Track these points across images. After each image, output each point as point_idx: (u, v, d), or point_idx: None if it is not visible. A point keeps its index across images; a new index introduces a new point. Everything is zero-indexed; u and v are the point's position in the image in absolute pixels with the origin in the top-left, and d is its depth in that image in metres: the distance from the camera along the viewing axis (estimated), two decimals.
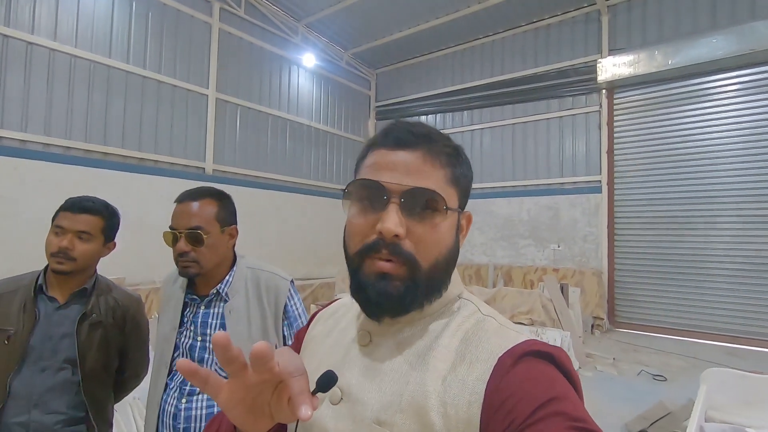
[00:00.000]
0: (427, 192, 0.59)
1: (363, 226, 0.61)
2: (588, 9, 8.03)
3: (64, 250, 1.35)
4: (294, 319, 1.40)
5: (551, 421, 0.47)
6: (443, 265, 0.62)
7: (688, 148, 7.01)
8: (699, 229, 6.87)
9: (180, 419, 1.22)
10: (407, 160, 0.61)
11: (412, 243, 0.59)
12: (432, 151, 0.62)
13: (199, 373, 0.45)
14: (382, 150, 0.63)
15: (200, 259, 1.28)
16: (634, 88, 7.56)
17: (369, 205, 0.61)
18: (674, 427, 2.98)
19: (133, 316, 1.56)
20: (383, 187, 0.59)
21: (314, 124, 9.76)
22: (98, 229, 1.43)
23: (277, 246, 8.51)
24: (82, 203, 1.41)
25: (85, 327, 1.41)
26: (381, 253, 0.58)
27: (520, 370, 0.53)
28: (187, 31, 7.40)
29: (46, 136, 5.79)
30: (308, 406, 0.44)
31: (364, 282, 0.60)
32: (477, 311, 0.65)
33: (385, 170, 0.61)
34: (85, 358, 1.39)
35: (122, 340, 1.53)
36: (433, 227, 0.60)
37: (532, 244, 8.56)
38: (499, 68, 9.20)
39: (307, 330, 0.79)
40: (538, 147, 8.62)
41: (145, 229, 6.44)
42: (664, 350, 6.10)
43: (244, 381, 0.46)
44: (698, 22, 6.94)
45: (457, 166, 0.65)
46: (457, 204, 0.64)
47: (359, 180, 0.63)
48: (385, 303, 0.59)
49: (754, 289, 6.39)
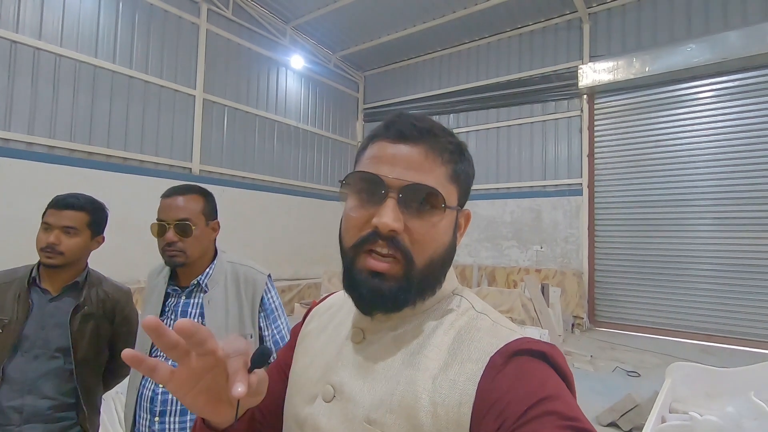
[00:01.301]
0: (427, 189, 0.57)
1: (359, 219, 0.59)
2: (570, 16, 8.24)
3: (51, 245, 1.42)
4: (270, 311, 1.48)
5: (543, 420, 0.46)
6: (438, 264, 0.60)
7: (664, 153, 7.24)
8: (675, 230, 7.10)
9: (157, 402, 1.29)
10: (408, 154, 0.59)
11: (408, 239, 0.57)
12: (435, 146, 0.60)
13: (145, 362, 0.46)
14: (383, 142, 0.61)
15: (187, 249, 1.36)
16: (614, 94, 7.78)
17: (367, 198, 0.59)
18: (641, 419, 3.11)
19: (123, 308, 1.63)
20: (382, 180, 0.57)
21: (302, 126, 9.82)
22: (84, 224, 1.49)
23: (263, 246, 8.54)
24: (66, 200, 1.48)
25: (77, 318, 1.48)
26: (377, 244, 0.57)
27: (512, 370, 0.52)
28: (174, 31, 7.41)
29: (30, 135, 5.76)
30: (241, 383, 0.45)
31: (357, 279, 0.58)
32: (471, 308, 0.63)
33: (385, 163, 0.59)
34: (77, 348, 1.46)
35: (112, 331, 1.60)
36: (431, 225, 0.58)
37: (515, 245, 8.73)
38: (484, 72, 9.38)
39: (303, 325, 0.79)
40: (521, 150, 8.80)
41: (129, 228, 6.44)
42: (640, 348, 6.29)
43: (189, 367, 0.47)
44: (674, 32, 7.18)
45: (459, 163, 0.63)
46: (456, 202, 0.63)
47: (358, 172, 0.61)
48: (378, 301, 0.58)
49: (727, 289, 6.63)
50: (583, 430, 0.46)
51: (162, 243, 1.36)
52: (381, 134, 0.62)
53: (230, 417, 0.53)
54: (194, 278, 1.42)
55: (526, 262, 8.55)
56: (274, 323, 1.47)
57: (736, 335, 6.51)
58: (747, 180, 6.53)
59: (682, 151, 7.08)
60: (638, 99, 7.54)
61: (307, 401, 0.64)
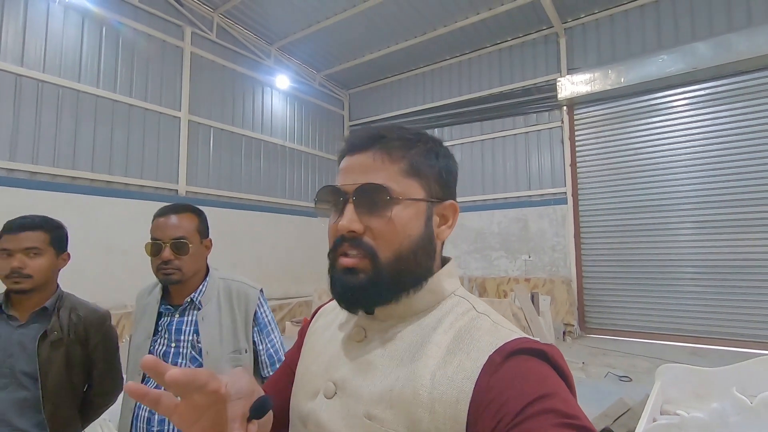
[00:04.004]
0: (373, 186, 0.61)
1: (332, 228, 0.65)
2: (546, 31, 8.51)
3: (16, 270, 1.37)
4: (264, 326, 1.49)
5: (540, 418, 0.46)
6: (409, 256, 0.62)
7: (644, 160, 7.44)
8: (658, 235, 7.26)
9: (154, 423, 1.28)
10: (360, 161, 0.64)
11: (371, 237, 0.61)
12: (383, 147, 0.64)
13: (149, 395, 0.45)
14: (345, 157, 0.68)
15: (183, 267, 1.37)
16: (592, 105, 8.01)
17: (334, 209, 0.66)
18: (634, 423, 3.14)
19: (97, 331, 1.55)
20: (339, 189, 0.65)
21: (288, 144, 9.86)
22: (45, 243, 1.44)
23: (252, 266, 8.47)
24: (20, 222, 1.43)
25: (45, 345, 1.41)
26: (344, 247, 0.62)
27: (510, 368, 0.52)
28: (158, 55, 7.45)
29: (11, 161, 5.70)
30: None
31: (334, 277, 0.64)
32: (472, 309, 0.64)
33: (343, 174, 0.66)
34: (47, 376, 1.39)
35: (86, 357, 1.53)
36: (387, 219, 0.61)
37: (503, 255, 8.81)
38: (467, 87, 9.58)
39: (310, 323, 0.82)
40: (506, 161, 8.96)
41: (114, 252, 6.38)
42: (631, 353, 6.35)
43: (192, 402, 0.46)
44: (646, 44, 7.47)
45: (415, 157, 0.65)
46: (423, 194, 0.64)
47: (324, 187, 0.68)
48: (350, 295, 0.62)
49: (711, 291, 6.76)
50: (582, 428, 0.45)
51: (157, 262, 1.37)
52: (343, 150, 0.69)
53: None
54: (187, 296, 1.42)
55: (515, 271, 8.62)
56: (267, 337, 1.48)
57: (723, 336, 6.62)
58: (723, 184, 6.73)
59: (661, 157, 7.29)
60: (616, 109, 7.78)
61: (309, 397, 0.67)
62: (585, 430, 0.45)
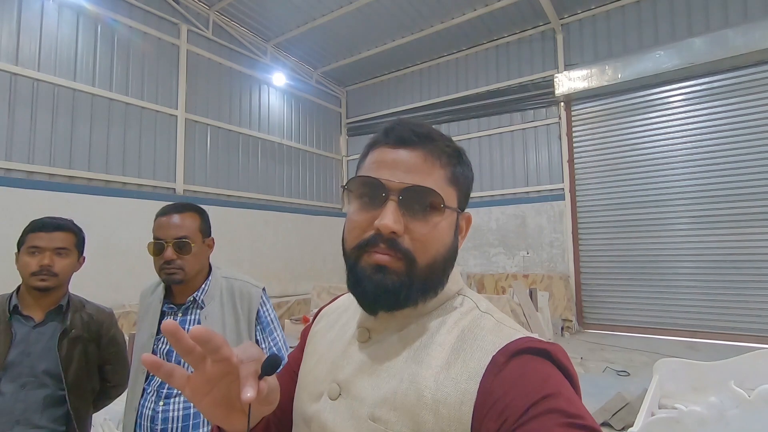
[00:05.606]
0: (426, 190, 0.59)
1: (361, 222, 0.60)
2: (543, 28, 8.51)
3: (46, 267, 1.41)
4: (266, 324, 1.50)
5: (545, 418, 0.45)
6: (441, 264, 0.61)
7: (641, 155, 7.47)
8: (655, 230, 7.30)
9: (158, 421, 1.29)
10: (408, 158, 0.61)
11: (410, 240, 0.59)
12: (433, 150, 0.62)
13: (163, 367, 0.47)
14: (383, 148, 0.63)
15: (186, 266, 1.37)
16: (589, 101, 8.03)
17: (368, 202, 0.61)
18: (633, 417, 3.17)
19: (108, 329, 1.62)
20: (382, 184, 0.59)
21: (286, 142, 9.84)
22: (73, 244, 1.50)
23: (251, 264, 8.47)
24: (54, 222, 1.48)
25: (65, 343, 1.46)
26: (378, 247, 0.58)
27: (514, 368, 0.52)
28: (154, 53, 7.42)
29: (8, 161, 5.67)
30: (250, 388, 0.46)
31: (361, 275, 0.59)
32: (475, 308, 0.64)
33: (385, 168, 0.61)
34: (68, 373, 1.44)
35: (99, 354, 1.58)
36: (432, 226, 0.59)
37: (502, 251, 8.84)
38: (464, 84, 9.58)
39: (312, 326, 0.81)
40: (503, 158, 8.97)
41: (112, 252, 6.36)
42: (628, 347, 6.39)
43: (205, 373, 0.48)
44: (643, 39, 7.48)
45: (457, 166, 0.64)
46: (456, 204, 0.64)
47: (359, 177, 0.63)
48: (381, 296, 0.59)
49: (707, 285, 6.81)
50: (587, 427, 0.45)
51: (159, 261, 1.37)
52: (381, 140, 0.64)
53: (243, 425, 0.53)
54: (190, 295, 1.43)
55: (513, 268, 8.65)
56: (270, 335, 1.49)
57: (719, 330, 6.67)
58: (719, 179, 6.77)
59: (657, 153, 7.32)
60: (613, 105, 7.80)
61: (313, 399, 0.66)
62: (590, 429, 0.45)
